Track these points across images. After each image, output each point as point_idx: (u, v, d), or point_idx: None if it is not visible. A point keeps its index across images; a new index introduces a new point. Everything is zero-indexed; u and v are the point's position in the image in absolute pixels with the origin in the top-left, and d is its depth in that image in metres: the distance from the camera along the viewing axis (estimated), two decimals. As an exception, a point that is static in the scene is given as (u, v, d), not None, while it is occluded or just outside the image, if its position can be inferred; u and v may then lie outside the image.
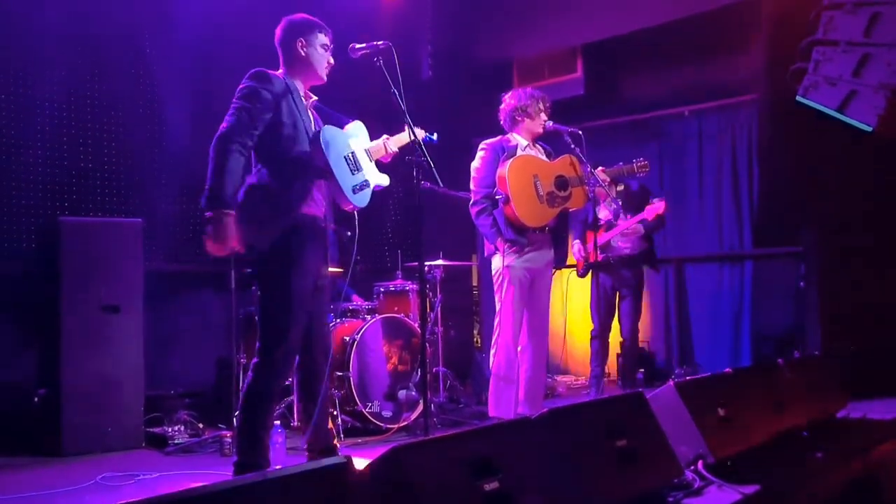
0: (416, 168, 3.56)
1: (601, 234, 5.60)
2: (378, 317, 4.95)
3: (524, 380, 4.51)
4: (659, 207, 5.47)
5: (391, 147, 3.60)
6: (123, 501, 1.54)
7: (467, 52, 7.23)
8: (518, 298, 4.43)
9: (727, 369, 3.29)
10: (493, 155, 4.46)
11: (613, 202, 5.53)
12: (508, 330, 4.43)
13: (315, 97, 3.51)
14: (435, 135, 3.80)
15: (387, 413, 4.75)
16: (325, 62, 3.41)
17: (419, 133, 3.66)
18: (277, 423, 3.90)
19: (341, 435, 4.57)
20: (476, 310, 7.97)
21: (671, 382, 2.80)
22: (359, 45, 3.56)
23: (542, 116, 4.53)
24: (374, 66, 3.49)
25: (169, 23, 5.52)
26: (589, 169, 4.50)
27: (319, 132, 3.29)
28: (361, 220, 3.46)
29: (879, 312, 5.29)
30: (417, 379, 4.80)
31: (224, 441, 4.23)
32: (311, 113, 3.44)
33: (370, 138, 3.58)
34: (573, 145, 4.51)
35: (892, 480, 3.10)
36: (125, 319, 4.59)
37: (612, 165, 4.96)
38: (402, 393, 4.80)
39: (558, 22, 6.70)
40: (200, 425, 4.68)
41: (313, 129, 3.36)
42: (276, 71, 3.35)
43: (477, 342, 7.83)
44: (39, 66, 5.01)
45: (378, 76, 3.48)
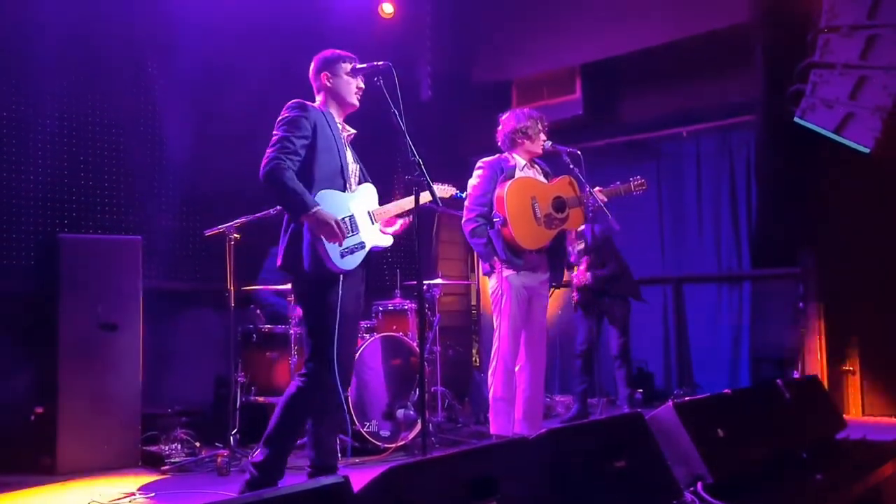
0: (414, 188, 3.58)
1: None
2: (377, 336, 4.95)
3: (522, 399, 4.49)
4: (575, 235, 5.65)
5: (403, 208, 3.67)
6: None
7: (467, 73, 7.27)
8: (516, 318, 4.42)
9: (726, 390, 3.28)
10: (492, 173, 4.47)
11: (578, 243, 5.72)
12: (506, 349, 4.42)
13: (353, 130, 3.66)
14: (464, 193, 4.00)
15: (385, 432, 4.73)
16: (352, 88, 3.58)
17: (448, 191, 3.94)
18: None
19: (339, 454, 4.55)
20: (475, 329, 7.96)
21: (670, 403, 2.79)
22: (359, 65, 3.60)
23: (542, 137, 4.55)
24: (374, 86, 3.52)
25: (170, 41, 5.55)
26: (588, 190, 4.51)
27: (315, 197, 3.35)
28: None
29: (878, 333, 5.30)
30: (416, 398, 4.79)
31: (221, 460, 4.21)
32: (348, 145, 3.60)
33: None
34: (572, 165, 4.53)
35: (893, 502, 3.08)
36: (123, 337, 4.58)
37: (610, 185, 4.93)
38: (400, 412, 4.79)
39: (557, 43, 6.74)
40: (197, 444, 4.66)
41: (350, 160, 3.54)
42: (312, 102, 3.54)
43: (475, 361, 7.80)
44: (40, 84, 5.03)
45: (378, 96, 3.51)
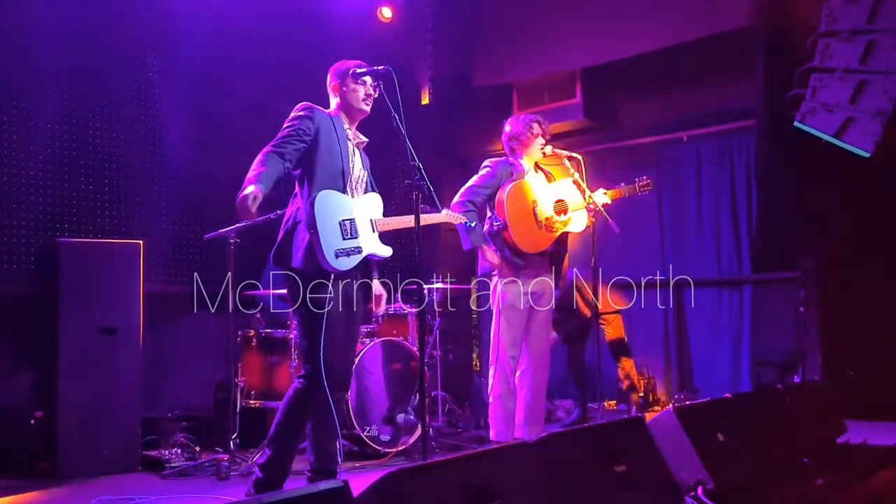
0: (414, 192, 3.58)
1: None
2: (377, 340, 4.94)
3: (523, 404, 4.49)
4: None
5: (401, 224, 3.72)
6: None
7: (467, 77, 7.27)
8: (517, 322, 4.42)
9: (727, 395, 3.28)
10: (497, 172, 4.48)
11: None
12: (506, 353, 4.42)
13: (365, 138, 3.69)
14: (475, 223, 4.07)
15: (385, 437, 4.72)
16: (360, 94, 3.60)
17: (452, 217, 4.00)
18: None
19: (339, 459, 4.54)
20: (475, 333, 7.95)
21: (671, 408, 2.79)
22: (359, 70, 3.60)
23: (539, 142, 4.54)
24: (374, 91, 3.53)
25: (170, 46, 5.55)
26: (588, 194, 4.52)
27: (317, 195, 3.38)
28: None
29: (879, 337, 5.29)
30: (416, 403, 4.78)
31: (221, 464, 4.21)
32: (359, 151, 3.64)
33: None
34: (573, 170, 4.53)
35: (894, 507, 3.08)
36: (123, 341, 4.57)
37: (614, 187, 4.91)
38: (400, 417, 4.78)
39: (558, 47, 6.74)
40: (197, 448, 4.64)
41: (357, 166, 3.58)
42: (323, 107, 3.60)
43: (476, 366, 7.79)
44: (40, 87, 5.03)
45: (378, 100, 3.52)
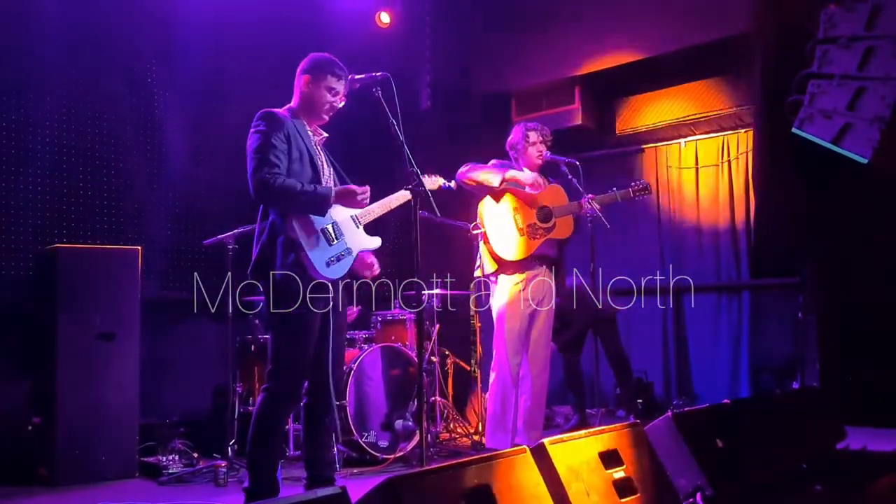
0: (413, 197, 3.57)
1: None
2: (375, 346, 4.94)
3: (523, 409, 4.49)
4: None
5: (389, 206, 3.64)
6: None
7: (466, 84, 7.28)
8: (518, 325, 4.43)
9: (725, 400, 3.28)
10: (502, 164, 4.55)
11: None
12: (507, 360, 4.42)
13: (325, 134, 3.57)
14: (452, 183, 3.88)
15: (383, 443, 4.71)
16: (326, 104, 3.44)
17: (435, 182, 3.80)
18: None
19: (337, 465, 4.53)
20: (474, 339, 7.94)
21: (669, 413, 2.78)
22: (357, 76, 3.59)
23: (536, 150, 4.58)
24: (372, 97, 3.52)
25: (171, 52, 5.57)
26: (587, 199, 4.52)
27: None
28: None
29: (879, 343, 5.28)
30: (414, 409, 4.77)
31: (219, 471, 4.20)
32: (320, 147, 3.51)
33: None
34: (570, 176, 4.54)
35: (893, 514, 3.07)
36: (121, 347, 4.57)
37: (605, 192, 4.77)
38: (398, 423, 4.77)
39: (556, 54, 6.76)
40: (195, 455, 4.64)
41: (327, 164, 3.47)
42: (282, 108, 3.44)
43: (474, 372, 7.78)
44: (40, 94, 5.04)
45: (376, 107, 3.51)
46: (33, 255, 4.92)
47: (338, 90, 3.45)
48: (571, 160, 4.55)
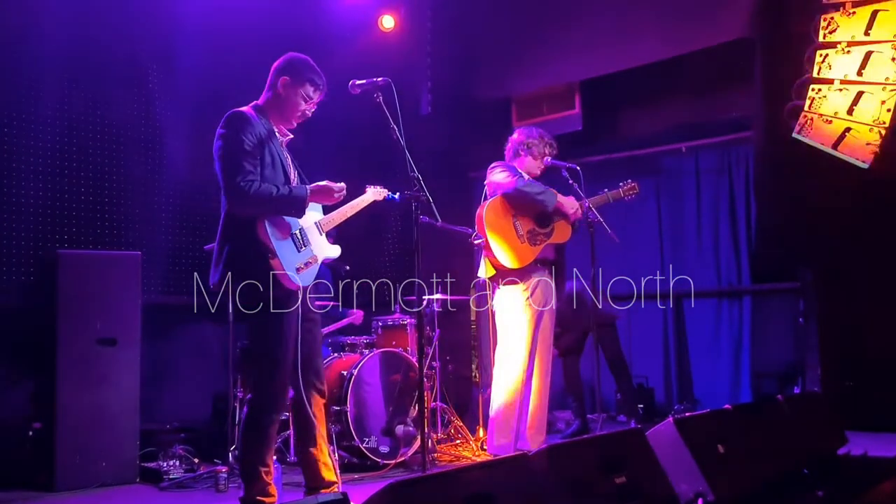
0: (414, 203, 3.58)
1: None
2: (376, 351, 4.93)
3: (526, 414, 4.49)
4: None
5: (347, 214, 3.57)
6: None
7: (466, 89, 7.29)
8: (529, 334, 4.44)
9: (727, 405, 3.27)
10: (510, 166, 4.57)
11: None
12: (510, 366, 4.42)
13: (290, 135, 3.47)
14: (397, 194, 3.75)
15: (384, 448, 4.70)
16: (297, 112, 3.35)
17: (381, 193, 3.69)
18: (274, 457, 3.87)
19: (338, 470, 4.52)
20: (475, 345, 7.94)
21: (670, 419, 2.78)
22: (359, 81, 3.59)
23: (543, 161, 4.61)
24: (373, 102, 3.52)
25: (171, 58, 5.58)
26: (588, 205, 4.53)
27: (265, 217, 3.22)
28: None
29: (879, 348, 5.28)
30: (415, 414, 4.77)
31: (219, 476, 4.19)
32: (286, 151, 3.42)
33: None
34: (571, 181, 4.55)
35: (895, 519, 3.07)
36: (121, 353, 4.57)
37: (597, 194, 4.76)
38: (399, 428, 4.76)
39: (556, 59, 6.77)
40: (196, 460, 4.63)
41: (292, 168, 3.38)
42: (249, 105, 3.36)
43: (475, 377, 7.78)
44: (40, 99, 5.05)
45: (377, 112, 3.51)
46: (34, 260, 4.92)
47: (313, 99, 3.37)
48: (572, 165, 4.55)
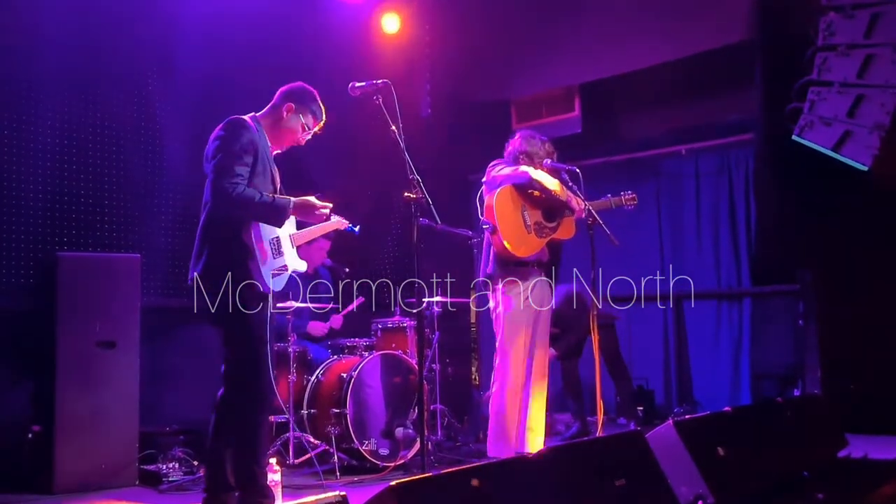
0: (413, 205, 3.57)
1: None
2: (376, 353, 4.93)
3: (525, 416, 4.48)
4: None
5: (315, 234, 3.70)
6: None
7: (466, 92, 7.30)
8: (526, 334, 4.43)
9: (727, 408, 3.27)
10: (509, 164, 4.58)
11: None
12: (513, 367, 4.41)
13: (279, 150, 3.56)
14: (357, 227, 3.83)
15: (384, 451, 4.70)
16: (293, 138, 3.49)
17: (343, 223, 3.77)
18: (273, 460, 3.87)
19: (338, 473, 4.52)
20: (474, 347, 7.94)
21: (670, 421, 2.78)
22: (358, 84, 3.60)
23: (543, 165, 4.62)
24: (373, 104, 3.52)
25: (171, 61, 5.57)
26: (588, 207, 4.53)
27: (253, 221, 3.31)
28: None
29: (879, 350, 5.28)
30: (415, 416, 4.76)
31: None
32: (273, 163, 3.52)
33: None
34: (571, 183, 4.55)
35: (895, 522, 3.06)
36: (121, 355, 4.56)
37: (600, 198, 4.73)
38: (399, 431, 4.76)
39: (556, 62, 6.77)
40: (195, 462, 4.61)
41: (278, 181, 3.48)
42: (249, 115, 3.44)
43: (475, 380, 7.78)
44: (41, 101, 5.04)
45: (377, 114, 3.51)
46: (34, 262, 4.91)
47: (310, 130, 3.50)
48: (572, 168, 4.55)
